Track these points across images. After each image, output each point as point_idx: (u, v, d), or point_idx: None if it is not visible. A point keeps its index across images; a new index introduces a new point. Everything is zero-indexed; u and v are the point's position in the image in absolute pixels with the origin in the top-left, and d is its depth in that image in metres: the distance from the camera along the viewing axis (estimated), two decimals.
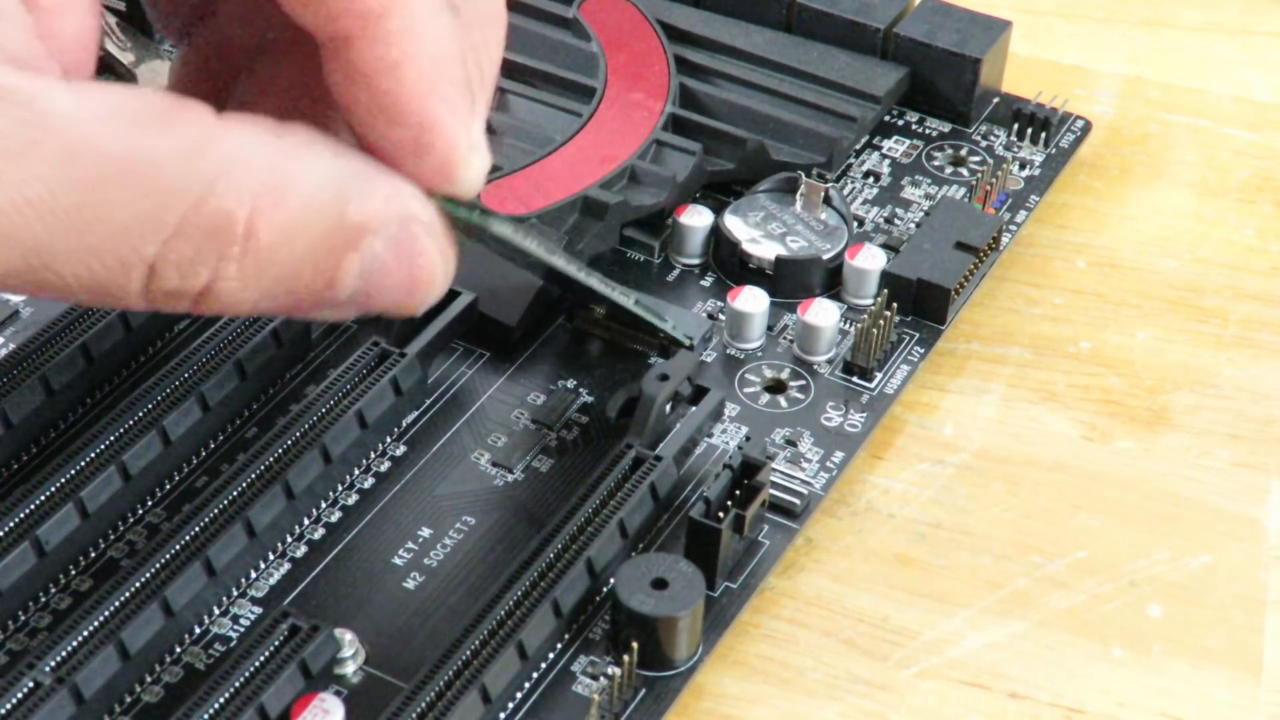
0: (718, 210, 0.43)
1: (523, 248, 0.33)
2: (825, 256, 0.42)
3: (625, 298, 0.37)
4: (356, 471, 0.37)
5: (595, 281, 0.36)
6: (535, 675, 0.33)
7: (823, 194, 0.43)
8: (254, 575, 0.34)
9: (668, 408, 0.37)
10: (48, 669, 0.31)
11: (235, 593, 0.34)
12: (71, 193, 0.26)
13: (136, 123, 0.27)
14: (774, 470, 0.37)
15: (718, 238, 0.42)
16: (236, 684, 0.31)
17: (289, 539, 0.35)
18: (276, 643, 0.32)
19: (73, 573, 0.34)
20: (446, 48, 0.31)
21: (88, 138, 0.27)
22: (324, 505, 0.36)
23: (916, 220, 0.44)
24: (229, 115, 0.28)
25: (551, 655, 0.33)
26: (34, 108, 0.27)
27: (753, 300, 0.40)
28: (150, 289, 0.27)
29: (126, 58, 0.45)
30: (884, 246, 0.42)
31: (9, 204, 0.26)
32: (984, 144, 0.46)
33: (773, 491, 0.36)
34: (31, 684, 0.30)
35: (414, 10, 0.30)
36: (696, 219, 0.42)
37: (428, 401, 0.38)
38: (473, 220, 0.31)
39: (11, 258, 0.27)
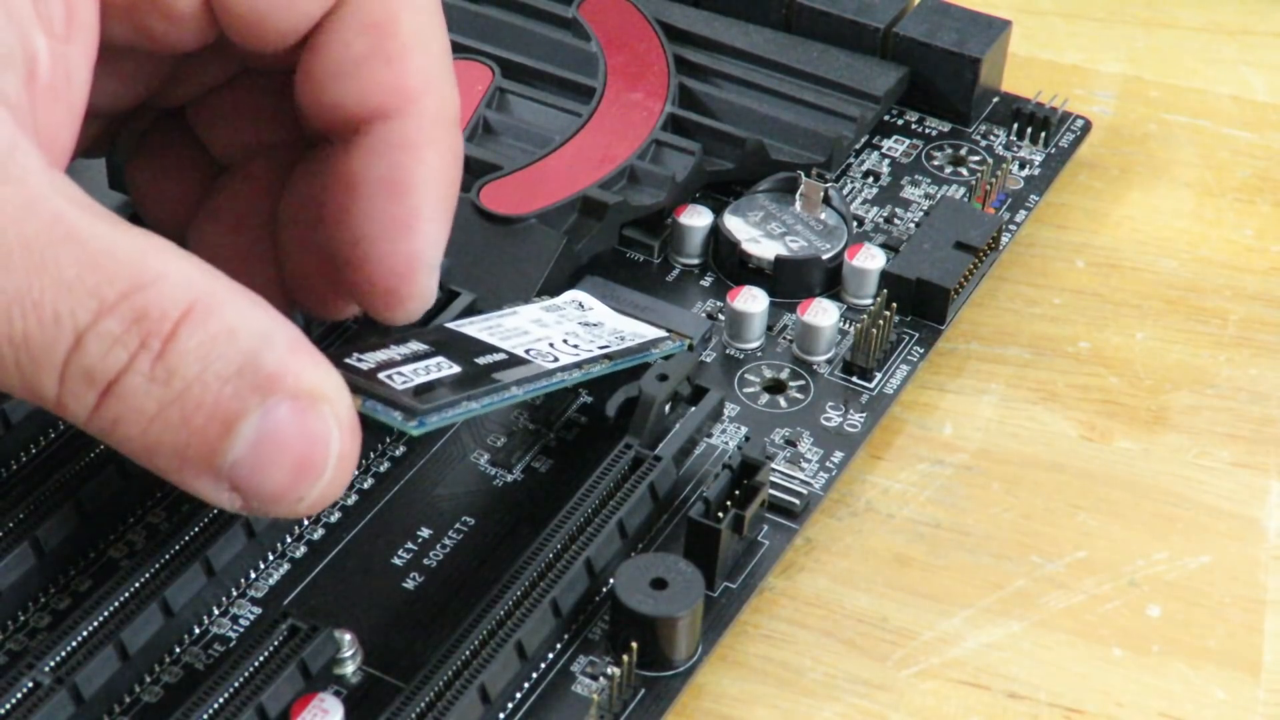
0: (717, 210, 0.43)
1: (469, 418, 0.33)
2: (825, 256, 0.42)
3: (593, 365, 0.36)
4: (356, 472, 0.37)
5: (556, 380, 0.35)
6: (535, 675, 0.33)
7: (822, 194, 0.43)
8: (253, 575, 0.34)
9: (667, 408, 0.37)
10: (47, 669, 0.31)
11: (235, 593, 0.34)
12: (24, 242, 0.27)
13: (97, 211, 0.28)
14: (773, 470, 0.37)
15: (717, 237, 0.42)
16: (236, 684, 0.31)
17: (289, 539, 0.35)
18: (276, 643, 0.32)
19: (72, 573, 0.34)
20: (449, 168, 0.34)
21: (52, 202, 0.28)
22: None
23: (916, 220, 0.44)
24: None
25: (551, 655, 0.33)
26: (13, 154, 0.28)
27: (752, 300, 0.40)
28: (70, 363, 0.28)
29: None
30: (883, 246, 0.42)
31: None
32: (984, 144, 0.46)
33: (772, 491, 0.36)
34: (31, 684, 0.30)
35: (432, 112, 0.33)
36: (696, 219, 0.42)
37: None
38: (397, 429, 0.31)
39: None
